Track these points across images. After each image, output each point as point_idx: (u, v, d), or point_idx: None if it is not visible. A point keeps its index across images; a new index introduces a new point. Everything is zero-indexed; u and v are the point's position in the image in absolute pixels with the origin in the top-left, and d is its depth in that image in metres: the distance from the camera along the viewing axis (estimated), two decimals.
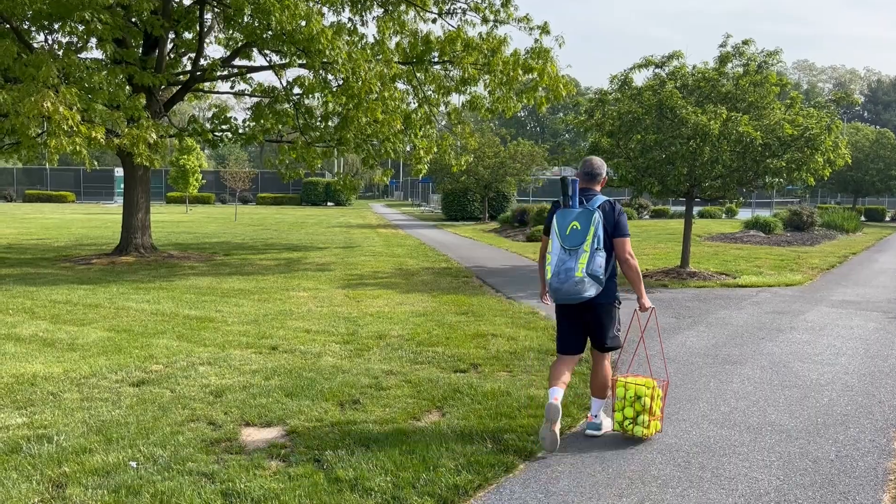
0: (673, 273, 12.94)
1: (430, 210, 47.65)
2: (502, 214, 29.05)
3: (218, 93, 16.62)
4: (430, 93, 16.13)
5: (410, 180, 64.23)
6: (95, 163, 11.13)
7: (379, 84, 12.77)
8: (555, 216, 4.47)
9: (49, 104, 9.30)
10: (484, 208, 34.12)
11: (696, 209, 31.84)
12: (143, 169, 16.37)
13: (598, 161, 4.70)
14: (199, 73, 15.39)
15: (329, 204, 58.11)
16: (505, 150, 32.41)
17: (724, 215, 34.00)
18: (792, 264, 14.70)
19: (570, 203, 4.43)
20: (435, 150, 16.91)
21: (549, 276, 4.39)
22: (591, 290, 4.31)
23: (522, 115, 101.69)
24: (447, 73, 15.83)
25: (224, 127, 15.16)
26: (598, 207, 4.39)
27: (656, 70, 12.42)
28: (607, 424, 4.68)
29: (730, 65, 12.29)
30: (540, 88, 14.61)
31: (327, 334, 7.62)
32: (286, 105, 14.26)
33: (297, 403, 4.96)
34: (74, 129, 9.64)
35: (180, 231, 25.38)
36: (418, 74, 15.57)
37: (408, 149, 16.67)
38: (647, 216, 34.18)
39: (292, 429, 4.47)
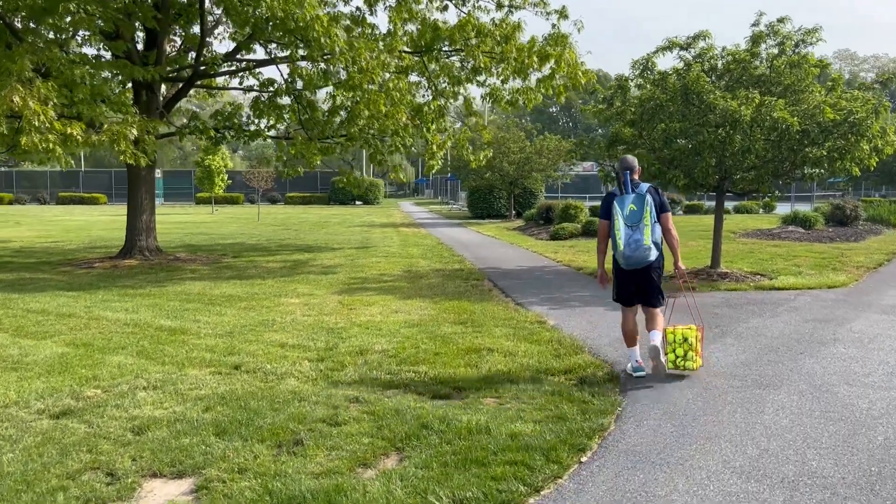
0: (703, 274, 11.87)
1: (459, 208, 46.73)
2: (527, 212, 28.04)
3: (222, 89, 15.90)
4: (444, 85, 15.23)
5: (440, 178, 63.41)
6: (72, 162, 10.46)
7: (383, 74, 11.91)
8: (614, 202, 5.66)
9: (18, 99, 8.63)
10: (510, 205, 33.12)
11: (730, 204, 30.42)
12: (146, 168, 15.75)
13: (632, 157, 5.89)
14: (202, 69, 14.71)
15: (357, 203, 57.53)
16: (531, 145, 31.38)
17: (760, 210, 32.53)
18: (834, 263, 13.49)
19: (626, 190, 5.62)
20: (449, 145, 16.03)
21: (620, 247, 5.53)
22: (653, 255, 5.60)
23: (554, 110, 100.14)
24: (464, 63, 14.92)
25: (227, 124, 14.42)
26: (647, 191, 5.60)
27: (681, 52, 11.36)
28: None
29: (763, 45, 11.18)
30: (557, 76, 13.61)
31: (302, 349, 6.78)
32: (288, 99, 13.47)
33: (225, 445, 4.11)
34: (47, 125, 8.96)
35: (198, 232, 24.89)
36: (431, 66, 14.68)
37: (417, 144, 15.78)
38: (679, 211, 32.81)
39: (205, 482, 3.62)
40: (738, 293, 10.14)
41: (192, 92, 17.44)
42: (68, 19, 11.44)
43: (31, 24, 11.89)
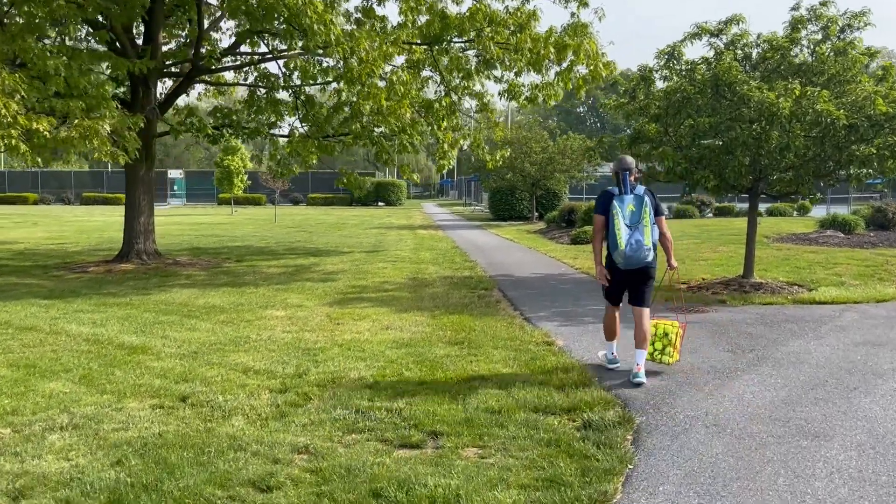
0: (734, 284, 10.77)
1: (481, 209, 45.80)
2: (549, 214, 27.00)
3: (223, 85, 15.09)
4: (457, 81, 14.26)
5: (464, 179, 62.47)
6: (39, 161, 9.69)
7: (385, 66, 10.99)
8: (613, 201, 5.63)
9: None
10: (532, 207, 32.06)
11: (763, 206, 29.01)
12: (144, 168, 15.05)
13: (630, 158, 5.87)
14: (201, 64, 13.92)
15: (380, 204, 56.87)
16: (554, 144, 30.31)
17: (795, 213, 31.06)
18: (880, 272, 12.29)
19: (625, 191, 5.63)
20: (462, 144, 15.08)
21: (621, 247, 5.52)
22: (651, 255, 5.62)
23: (581, 110, 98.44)
24: (479, 56, 13.93)
25: (225, 121, 13.59)
26: (644, 193, 5.65)
27: (711, 39, 10.26)
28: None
29: (804, 32, 10.05)
30: (576, 69, 12.59)
31: (267, 376, 5.87)
32: (286, 95, 12.60)
33: None
34: (9, 119, 8.18)
35: (211, 234, 24.23)
36: (442, 59, 13.72)
37: (428, 143, 14.83)
38: (709, 214, 31.46)
39: None
40: (775, 308, 9.04)
41: (201, 90, 16.70)
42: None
43: (7, 10, 11.14)
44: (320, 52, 10.51)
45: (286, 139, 12.66)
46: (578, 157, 29.06)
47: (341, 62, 10.57)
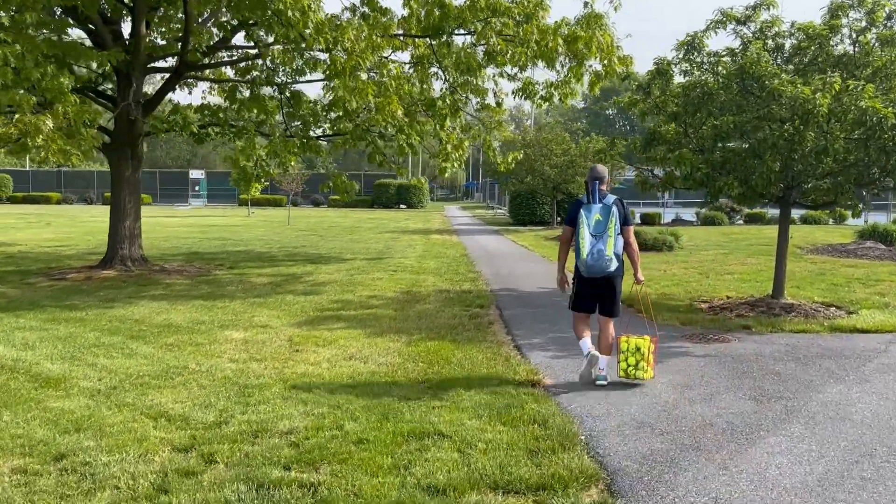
0: (762, 305, 9.51)
1: (504, 213, 44.63)
2: None
3: (213, 80, 14.12)
4: (463, 77, 13.14)
5: (489, 181, 61.29)
6: None
7: (374, 58, 9.92)
8: (581, 210, 5.75)
9: None
10: (553, 212, 30.82)
11: (796, 213, 27.43)
12: (130, 169, 14.18)
13: (603, 167, 5.99)
14: (187, 58, 12.97)
15: (402, 206, 55.90)
16: (576, 147, 29.02)
17: (830, 221, 29.34)
18: None
19: (593, 200, 5.74)
20: (467, 145, 13.98)
21: (583, 255, 5.66)
22: (614, 265, 5.69)
23: (610, 113, 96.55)
24: (481, 48, 12.79)
25: (212, 119, 12.62)
26: (613, 203, 5.72)
27: (737, 27, 9.02)
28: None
29: (845, 19, 8.78)
30: (588, 63, 11.42)
31: (179, 424, 4.81)
32: (271, 91, 11.59)
33: None
34: None
35: (216, 237, 23.40)
36: (443, 53, 12.60)
37: (430, 142, 13.74)
38: (739, 221, 29.93)
39: None
40: (809, 337, 7.78)
41: (207, 88, 15.77)
42: None
43: None
44: (296, 43, 9.47)
45: (267, 138, 11.59)
46: (597, 160, 27.79)
47: (323, 53, 9.52)
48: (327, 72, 9.73)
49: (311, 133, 11.96)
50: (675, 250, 17.72)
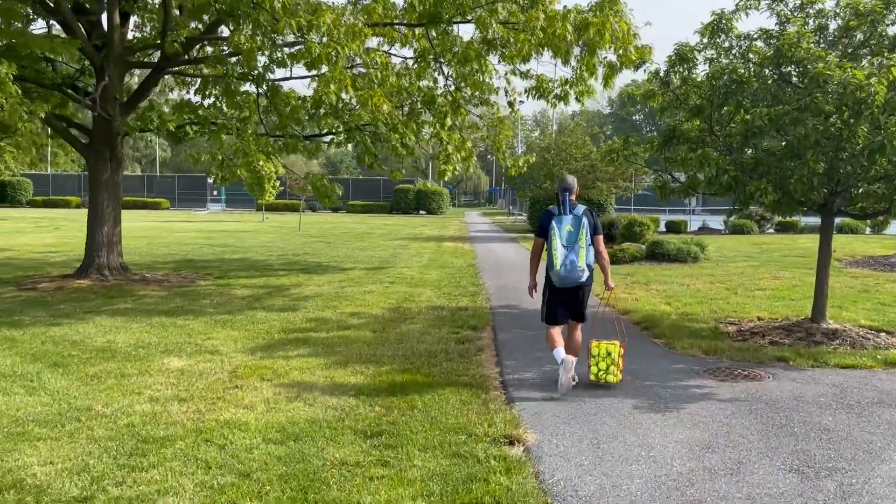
0: (799, 330, 8.16)
1: (524, 220, 43.32)
2: None
3: (187, 74, 13.00)
4: (468, 69, 11.89)
5: (511, 188, 59.98)
6: None
7: (359, 47, 8.74)
8: (552, 221, 5.80)
9: None
10: None
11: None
12: (109, 171, 13.16)
13: (572, 177, 6.03)
14: (167, 53, 11.91)
15: (421, 212, 54.82)
16: (597, 151, 27.66)
17: (867, 229, 27.57)
18: None
19: (564, 211, 5.79)
20: (470, 146, 12.76)
21: (556, 267, 5.72)
22: (586, 276, 5.81)
23: (638, 118, 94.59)
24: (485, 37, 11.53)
25: (190, 118, 11.52)
26: (583, 214, 5.81)
27: (772, 5, 7.69)
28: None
29: None
30: (600, 53, 10.14)
31: (28, 501, 3.64)
32: (248, 85, 10.46)
33: None
34: None
35: (217, 244, 22.44)
36: (446, 51, 11.38)
37: (429, 144, 12.53)
38: (770, 229, 28.28)
39: None
40: (860, 375, 6.42)
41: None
42: None
43: None
44: (274, 33, 8.34)
45: (238, 136, 10.46)
46: (608, 161, 26.33)
47: (296, 38, 8.37)
48: (303, 61, 8.57)
49: (295, 132, 10.80)
50: (701, 261, 16.32)
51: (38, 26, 19.71)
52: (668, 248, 16.24)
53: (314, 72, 8.91)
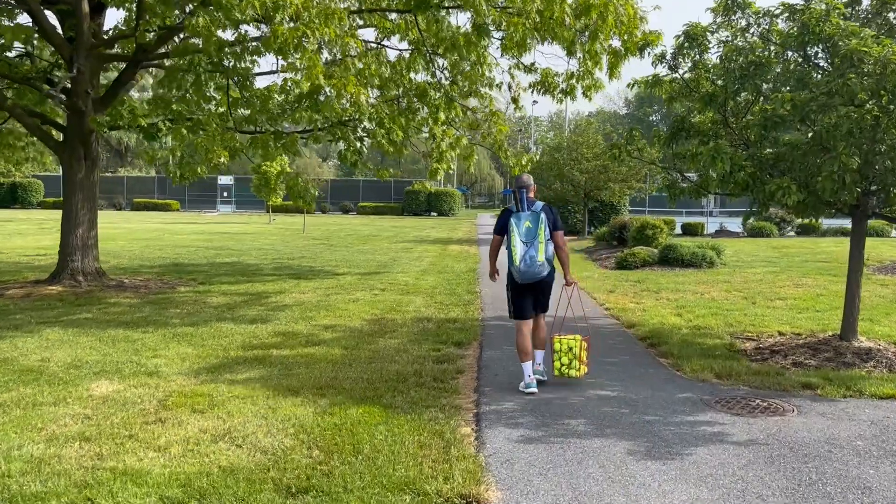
0: (826, 349, 7.16)
1: None
2: (598, 230, 23.42)
3: (165, 68, 12.15)
4: (456, 58, 10.99)
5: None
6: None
7: (334, 30, 7.84)
8: (511, 218, 5.93)
9: None
10: (584, 221, 28.44)
11: (847, 222, 24.37)
12: (84, 171, 12.38)
13: (528, 175, 6.26)
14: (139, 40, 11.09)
15: (432, 214, 53.97)
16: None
17: (893, 231, 26.23)
18: None
19: (522, 208, 5.93)
20: (466, 143, 11.84)
21: (516, 262, 5.87)
22: (546, 270, 5.91)
23: (655, 119, 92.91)
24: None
25: (164, 114, 10.68)
26: (541, 210, 5.93)
27: None
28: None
29: None
30: (601, 38, 9.18)
31: None
32: (218, 74, 9.57)
33: None
34: None
35: (213, 247, 21.70)
36: (441, 42, 10.46)
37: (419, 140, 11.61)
38: (790, 232, 27.04)
39: None
40: None
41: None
42: None
43: None
44: (235, 11, 7.45)
45: (202, 131, 9.56)
46: (637, 164, 25.24)
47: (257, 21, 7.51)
48: (271, 50, 7.69)
49: (268, 127, 9.91)
50: (717, 267, 15.27)
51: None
52: (681, 253, 15.22)
53: (283, 60, 8.02)
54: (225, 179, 60.62)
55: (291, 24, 7.70)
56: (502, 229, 6.04)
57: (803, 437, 4.72)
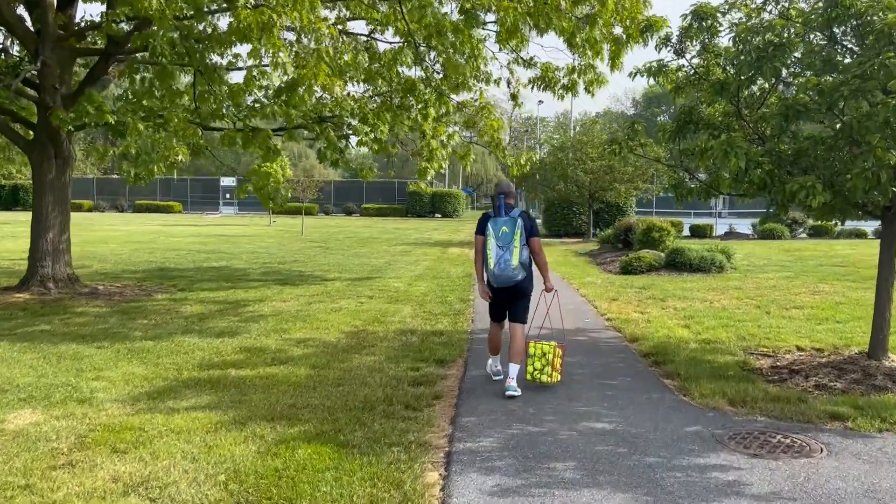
0: (853, 369, 6.36)
1: (540, 224, 41.46)
2: (603, 232, 22.59)
3: (140, 62, 11.45)
4: (440, 45, 10.21)
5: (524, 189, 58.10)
6: None
7: (307, 16, 7.06)
8: (489, 222, 6.02)
9: None
10: (590, 222, 27.62)
11: (869, 226, 23.59)
12: (55, 171, 11.66)
13: (508, 182, 6.69)
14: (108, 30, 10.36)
15: (436, 215, 53.27)
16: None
17: None
18: None
19: (500, 213, 5.98)
20: (457, 140, 11.07)
21: (490, 266, 5.92)
22: (521, 275, 5.92)
23: (664, 119, 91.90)
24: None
25: (133, 108, 9.92)
26: (519, 216, 5.99)
27: None
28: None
29: None
30: (600, 24, 8.38)
31: None
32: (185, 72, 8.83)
33: None
34: None
35: (208, 249, 21.06)
36: (432, 34, 9.68)
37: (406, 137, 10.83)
38: (802, 234, 26.14)
39: None
40: None
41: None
42: None
43: None
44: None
45: (164, 126, 8.78)
46: (644, 165, 24.39)
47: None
48: (234, 36, 6.93)
49: (238, 122, 9.17)
50: (727, 271, 14.44)
51: None
52: (689, 257, 14.39)
53: (248, 46, 7.26)
54: (227, 181, 60.07)
55: (255, 7, 6.95)
56: (482, 230, 6.09)
57: (836, 487, 3.91)
